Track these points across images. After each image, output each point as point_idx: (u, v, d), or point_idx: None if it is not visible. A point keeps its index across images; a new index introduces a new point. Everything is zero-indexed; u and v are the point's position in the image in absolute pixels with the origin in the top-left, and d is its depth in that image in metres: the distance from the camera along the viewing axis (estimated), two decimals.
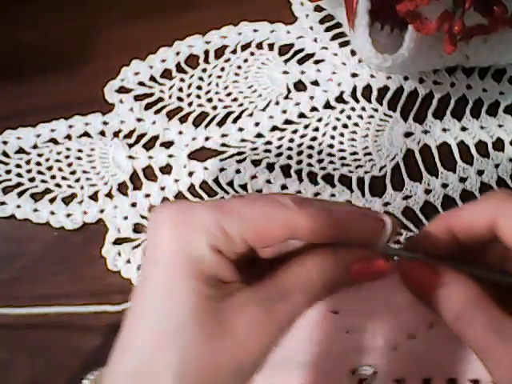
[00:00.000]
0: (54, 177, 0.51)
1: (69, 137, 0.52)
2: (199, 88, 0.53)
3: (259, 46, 0.55)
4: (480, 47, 0.49)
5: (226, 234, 0.27)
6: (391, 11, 0.43)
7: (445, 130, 0.51)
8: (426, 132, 0.51)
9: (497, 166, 0.49)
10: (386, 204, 0.48)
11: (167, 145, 0.51)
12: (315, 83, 0.53)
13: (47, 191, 0.50)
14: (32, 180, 0.51)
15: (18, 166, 0.51)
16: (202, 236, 0.27)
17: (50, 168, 0.51)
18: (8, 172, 0.51)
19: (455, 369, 0.42)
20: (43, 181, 0.50)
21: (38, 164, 0.51)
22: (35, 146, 0.52)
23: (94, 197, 0.49)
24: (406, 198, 0.48)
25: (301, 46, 0.55)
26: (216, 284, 0.27)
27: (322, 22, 0.56)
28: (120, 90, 0.53)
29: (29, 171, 0.51)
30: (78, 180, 0.50)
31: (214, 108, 0.53)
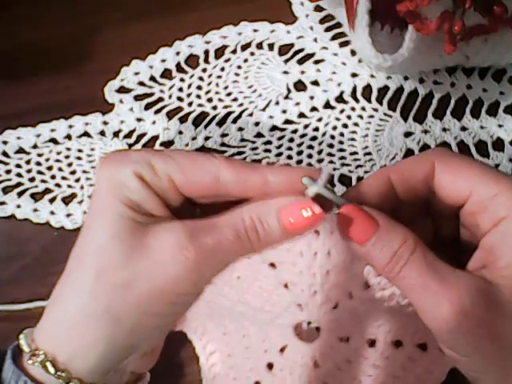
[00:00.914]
0: (53, 177, 0.51)
1: (69, 137, 0.52)
2: (199, 88, 0.54)
3: (259, 46, 0.55)
4: (480, 47, 0.49)
5: (152, 167, 0.29)
6: (391, 11, 0.43)
7: (445, 129, 0.51)
8: (425, 132, 0.51)
9: (497, 166, 0.49)
10: None
11: (167, 145, 0.51)
12: (315, 83, 0.53)
13: (47, 191, 0.50)
14: (32, 180, 0.51)
15: (18, 165, 0.51)
16: (129, 166, 0.29)
17: (49, 168, 0.51)
18: (8, 172, 0.51)
19: (399, 331, 0.42)
20: (43, 181, 0.50)
21: (38, 164, 0.51)
22: (35, 146, 0.52)
23: None
24: None
25: (301, 46, 0.55)
26: (141, 211, 0.29)
27: (322, 21, 0.56)
28: (120, 90, 0.53)
29: (29, 171, 0.51)
30: (77, 180, 0.50)
31: (214, 108, 0.53)
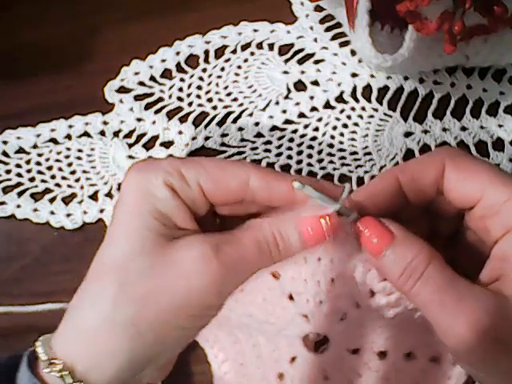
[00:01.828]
0: (53, 177, 0.51)
1: (69, 137, 0.52)
2: (199, 88, 0.53)
3: (259, 45, 0.55)
4: (480, 47, 0.49)
5: (182, 175, 0.29)
6: (391, 11, 0.43)
7: (445, 129, 0.51)
8: (425, 132, 0.51)
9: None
10: None
11: (167, 145, 0.51)
12: (315, 83, 0.53)
13: (47, 191, 0.50)
14: (32, 180, 0.51)
15: (18, 165, 0.51)
16: (159, 175, 0.29)
17: (49, 168, 0.51)
18: (8, 172, 0.51)
19: (410, 343, 0.41)
20: (43, 181, 0.50)
21: (38, 164, 0.51)
22: (35, 146, 0.52)
23: (93, 197, 0.50)
24: None
25: (301, 45, 0.55)
26: (168, 224, 0.29)
27: (322, 21, 0.56)
28: (120, 90, 0.53)
29: (29, 171, 0.51)
30: (77, 180, 0.50)
31: (214, 108, 0.53)
